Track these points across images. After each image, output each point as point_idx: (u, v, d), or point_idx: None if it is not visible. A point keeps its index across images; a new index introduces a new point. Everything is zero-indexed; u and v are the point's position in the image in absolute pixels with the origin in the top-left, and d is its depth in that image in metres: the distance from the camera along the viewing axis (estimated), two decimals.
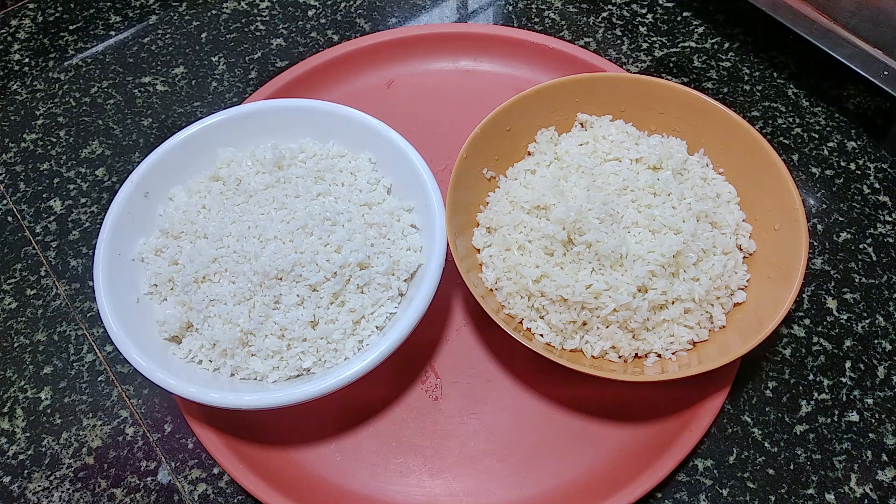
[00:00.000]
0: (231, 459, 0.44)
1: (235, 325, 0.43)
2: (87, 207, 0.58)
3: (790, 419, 0.47)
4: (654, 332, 0.45)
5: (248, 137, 0.52)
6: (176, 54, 0.67)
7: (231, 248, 0.45)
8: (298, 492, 0.44)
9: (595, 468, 0.45)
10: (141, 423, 0.49)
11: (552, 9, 0.68)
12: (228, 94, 0.64)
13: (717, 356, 0.42)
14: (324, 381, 0.41)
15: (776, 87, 0.62)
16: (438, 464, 0.46)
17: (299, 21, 0.68)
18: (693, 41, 0.65)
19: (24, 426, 0.49)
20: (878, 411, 0.47)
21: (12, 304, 0.54)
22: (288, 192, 0.48)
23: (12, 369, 0.51)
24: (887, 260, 0.53)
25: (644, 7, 0.68)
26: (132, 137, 0.62)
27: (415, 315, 0.43)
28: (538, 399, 0.48)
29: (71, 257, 0.56)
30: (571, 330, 0.45)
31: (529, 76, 0.62)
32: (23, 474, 0.47)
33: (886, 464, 0.45)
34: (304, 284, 0.44)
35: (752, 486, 0.45)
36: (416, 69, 0.63)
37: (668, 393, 0.46)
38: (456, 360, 0.50)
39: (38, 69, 0.66)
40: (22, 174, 0.60)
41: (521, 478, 0.45)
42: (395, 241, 0.47)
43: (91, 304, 0.53)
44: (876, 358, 0.49)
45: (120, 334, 0.43)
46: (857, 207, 0.55)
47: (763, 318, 0.42)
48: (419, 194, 0.48)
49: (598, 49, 0.65)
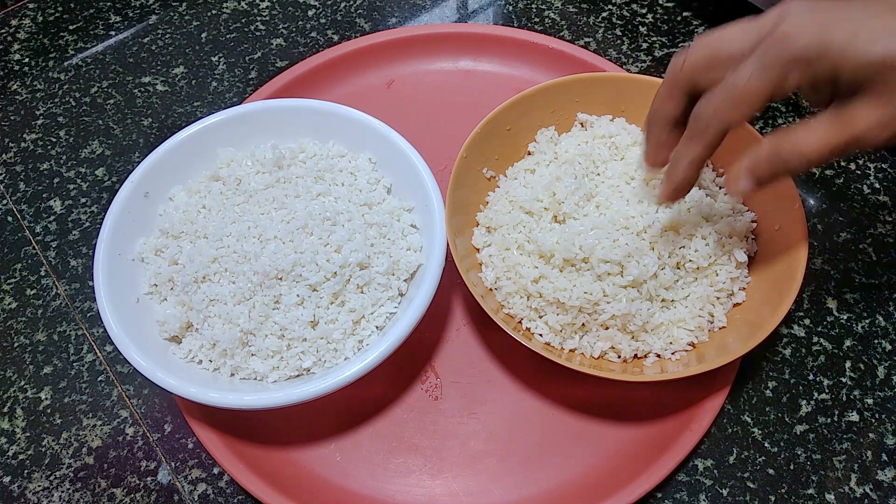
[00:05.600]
0: (231, 459, 0.44)
1: (235, 325, 0.43)
2: (87, 207, 0.58)
3: (790, 419, 0.47)
4: (653, 334, 0.45)
5: (248, 137, 0.52)
6: (176, 54, 0.67)
7: (231, 247, 0.45)
8: (298, 492, 0.44)
9: (595, 468, 0.45)
10: (141, 423, 0.49)
11: (552, 9, 0.68)
12: (228, 94, 0.64)
13: (717, 356, 0.42)
14: (324, 381, 0.41)
15: None
16: (438, 464, 0.46)
17: (299, 21, 0.68)
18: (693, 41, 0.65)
19: (24, 426, 0.49)
20: (878, 411, 0.47)
21: (12, 304, 0.54)
22: (288, 192, 0.48)
23: (12, 369, 0.51)
24: (887, 260, 0.53)
25: (644, 7, 0.68)
26: (132, 137, 0.62)
27: (415, 315, 0.43)
28: (538, 399, 0.48)
29: (71, 257, 0.56)
30: (570, 331, 0.45)
31: (529, 76, 0.62)
32: (23, 474, 0.47)
33: (886, 464, 0.45)
34: (304, 284, 0.44)
35: (752, 486, 0.45)
36: (416, 69, 0.63)
37: (668, 393, 0.46)
38: (456, 360, 0.50)
39: (38, 69, 0.67)
40: (22, 174, 0.60)
41: (521, 478, 0.45)
42: (395, 241, 0.47)
43: (91, 304, 0.54)
44: (876, 358, 0.49)
45: (120, 334, 0.43)
46: (857, 207, 0.55)
47: (763, 318, 0.42)
48: (419, 194, 0.48)
49: (598, 49, 0.65)
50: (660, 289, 0.44)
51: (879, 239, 0.54)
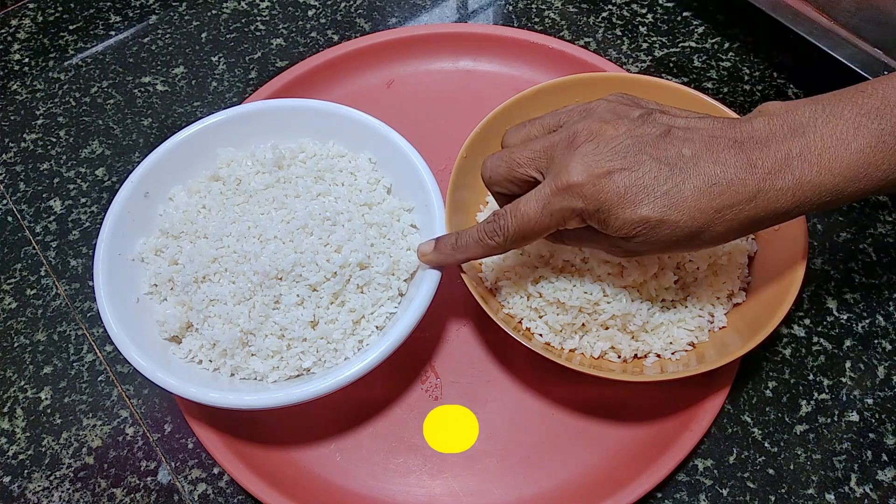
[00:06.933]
0: (231, 459, 0.44)
1: (235, 325, 0.43)
2: (87, 207, 0.58)
3: (790, 419, 0.47)
4: (653, 334, 0.45)
5: (248, 137, 0.52)
6: (176, 54, 0.67)
7: (231, 247, 0.45)
8: (298, 492, 0.44)
9: (595, 468, 0.45)
10: (141, 423, 0.49)
11: (552, 9, 0.68)
12: (228, 94, 0.64)
13: (717, 356, 0.42)
14: (324, 381, 0.41)
15: (776, 87, 0.62)
16: (438, 464, 0.46)
17: (299, 21, 0.68)
18: (693, 41, 0.65)
19: (24, 426, 0.49)
20: (878, 411, 0.47)
21: (12, 304, 0.54)
22: (288, 192, 0.48)
23: (12, 369, 0.51)
24: (887, 260, 0.53)
25: (644, 7, 0.68)
26: (132, 137, 0.62)
27: (415, 315, 0.43)
28: (538, 399, 0.48)
29: (71, 257, 0.56)
30: (570, 331, 0.45)
31: (529, 76, 0.62)
32: (23, 474, 0.47)
33: (886, 464, 0.45)
34: (304, 284, 0.44)
35: (752, 486, 0.45)
36: (416, 69, 0.63)
37: (668, 393, 0.46)
38: (456, 360, 0.50)
39: (38, 69, 0.67)
40: (22, 174, 0.60)
41: (521, 478, 0.45)
42: (395, 241, 0.47)
43: (91, 304, 0.54)
44: (876, 358, 0.49)
45: (120, 334, 0.43)
46: (857, 207, 0.55)
47: (763, 318, 0.42)
48: (419, 194, 0.48)
49: (598, 49, 0.65)
50: (660, 289, 0.44)
51: (879, 239, 0.54)
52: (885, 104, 0.32)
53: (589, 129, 0.37)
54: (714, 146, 0.34)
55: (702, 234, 0.35)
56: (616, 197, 0.35)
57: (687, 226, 0.34)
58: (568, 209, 0.36)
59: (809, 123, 0.33)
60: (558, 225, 0.38)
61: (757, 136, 0.34)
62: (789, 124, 0.34)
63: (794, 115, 0.34)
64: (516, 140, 0.41)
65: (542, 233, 0.39)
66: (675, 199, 0.34)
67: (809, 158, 0.33)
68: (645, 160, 0.35)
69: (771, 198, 0.34)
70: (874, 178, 0.33)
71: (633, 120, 0.37)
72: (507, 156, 0.40)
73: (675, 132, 0.36)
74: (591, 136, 0.36)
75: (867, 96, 0.33)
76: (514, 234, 0.39)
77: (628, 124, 0.37)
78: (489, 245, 0.40)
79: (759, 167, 0.33)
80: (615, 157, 0.35)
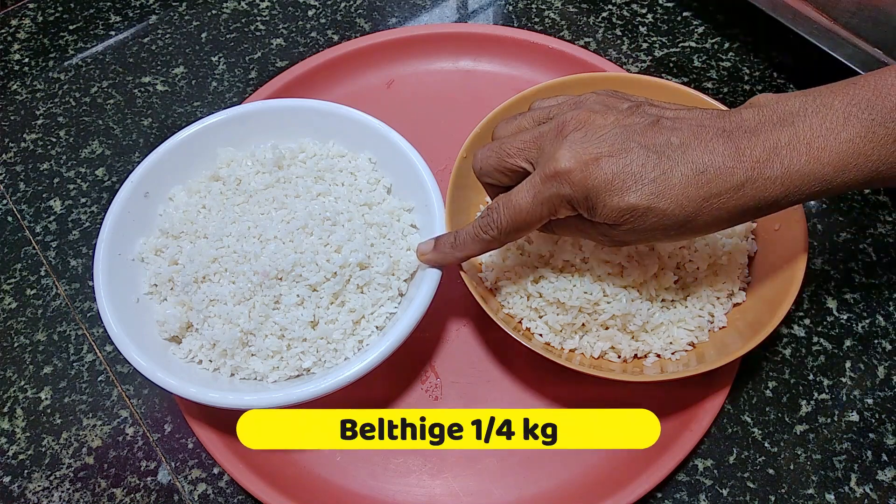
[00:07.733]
0: (231, 459, 0.44)
1: (235, 325, 0.43)
2: (87, 207, 0.58)
3: (790, 419, 0.47)
4: (653, 334, 0.45)
5: (248, 137, 0.52)
6: (176, 54, 0.67)
7: (231, 248, 0.45)
8: (298, 492, 0.44)
9: (595, 468, 0.45)
10: (141, 423, 0.49)
11: (552, 9, 0.68)
12: (228, 94, 0.64)
13: (717, 356, 0.42)
14: (324, 381, 0.41)
15: (776, 87, 0.62)
16: (438, 464, 0.46)
17: (299, 21, 0.68)
18: (693, 41, 0.65)
19: (24, 426, 0.49)
20: (878, 411, 0.47)
21: (12, 304, 0.54)
22: (288, 192, 0.48)
23: (12, 369, 0.51)
24: (887, 260, 0.53)
25: (644, 7, 0.68)
26: (132, 137, 0.62)
27: (415, 315, 0.43)
28: (538, 399, 0.48)
29: (71, 257, 0.56)
30: (570, 331, 0.45)
31: (529, 76, 0.62)
32: (23, 474, 0.47)
33: (886, 464, 0.45)
34: (304, 284, 0.44)
35: (752, 486, 0.45)
36: (416, 69, 0.63)
37: (668, 393, 0.46)
38: (456, 360, 0.50)
39: (38, 69, 0.67)
40: (22, 174, 0.60)
41: (521, 478, 0.45)
42: (395, 241, 0.47)
43: (91, 304, 0.54)
44: (876, 358, 0.49)
45: (120, 334, 0.43)
46: (857, 207, 0.55)
47: (763, 318, 0.42)
48: (419, 194, 0.48)
49: (598, 49, 0.65)
50: (660, 289, 0.44)
51: (879, 239, 0.54)
52: (876, 95, 0.32)
53: (578, 119, 0.37)
54: (703, 135, 0.34)
55: (689, 223, 0.35)
56: (604, 183, 0.35)
57: (674, 214, 0.34)
58: (557, 196, 0.36)
59: (799, 113, 0.33)
60: (550, 214, 0.38)
61: (746, 125, 0.34)
62: (779, 114, 0.34)
63: (784, 105, 0.34)
64: (507, 132, 0.41)
65: (536, 223, 0.38)
66: (662, 187, 0.34)
67: (798, 147, 0.33)
68: (633, 147, 0.35)
69: (759, 187, 0.33)
70: (864, 168, 0.33)
71: (623, 111, 0.37)
72: (497, 147, 0.40)
73: (663, 122, 0.36)
74: (579, 125, 0.36)
75: (858, 88, 0.33)
76: (508, 226, 0.39)
77: (617, 114, 0.37)
78: (485, 239, 0.40)
79: (747, 156, 0.33)
80: (603, 144, 0.35)
